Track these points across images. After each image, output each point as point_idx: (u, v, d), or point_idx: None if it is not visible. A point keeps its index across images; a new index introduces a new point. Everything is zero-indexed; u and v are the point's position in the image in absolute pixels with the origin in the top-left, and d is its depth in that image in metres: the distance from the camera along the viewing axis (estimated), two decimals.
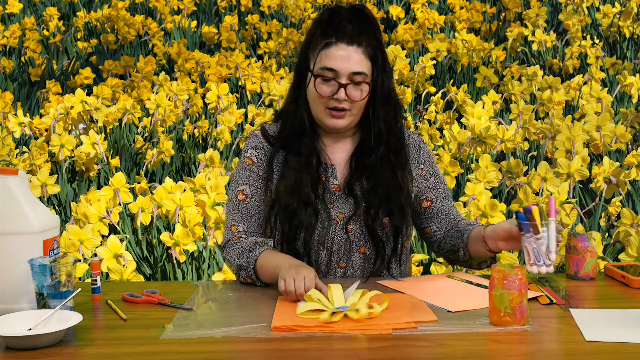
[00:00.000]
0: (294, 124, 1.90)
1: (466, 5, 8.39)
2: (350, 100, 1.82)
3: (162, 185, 3.65)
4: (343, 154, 1.92)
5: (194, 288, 1.78)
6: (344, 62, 1.81)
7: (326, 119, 1.85)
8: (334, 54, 1.81)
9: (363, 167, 1.88)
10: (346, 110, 1.83)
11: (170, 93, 6.11)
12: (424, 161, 1.96)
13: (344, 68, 1.81)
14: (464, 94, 5.69)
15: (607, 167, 3.81)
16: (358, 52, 1.82)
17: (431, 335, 1.40)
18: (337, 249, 1.86)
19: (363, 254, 1.87)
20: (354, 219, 1.85)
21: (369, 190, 1.86)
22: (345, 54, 1.81)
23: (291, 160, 1.87)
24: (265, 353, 1.36)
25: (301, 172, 1.85)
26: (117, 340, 1.44)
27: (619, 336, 1.37)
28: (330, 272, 1.87)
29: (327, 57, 1.82)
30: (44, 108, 6.26)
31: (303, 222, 1.82)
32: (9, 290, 1.59)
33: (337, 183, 1.89)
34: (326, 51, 1.82)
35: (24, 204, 1.61)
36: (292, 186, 1.84)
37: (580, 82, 6.07)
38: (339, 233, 1.86)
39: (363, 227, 1.86)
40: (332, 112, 1.84)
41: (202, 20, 8.89)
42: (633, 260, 2.61)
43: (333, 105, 1.83)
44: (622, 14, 7.60)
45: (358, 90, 1.83)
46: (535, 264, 1.64)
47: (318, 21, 1.87)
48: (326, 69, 1.81)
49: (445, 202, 1.96)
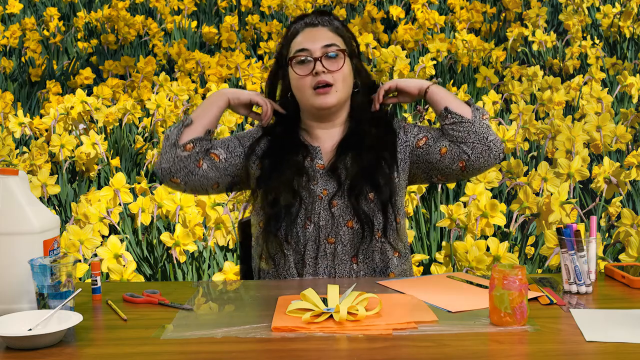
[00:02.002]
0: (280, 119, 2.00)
1: (466, 5, 8.39)
2: (329, 72, 1.89)
3: (162, 185, 3.65)
4: (332, 141, 1.96)
5: (194, 288, 1.78)
6: (313, 40, 1.91)
7: (314, 99, 1.90)
8: (303, 37, 1.93)
9: (349, 150, 1.93)
10: (330, 84, 1.89)
11: (170, 93, 6.11)
12: (410, 130, 1.97)
13: (314, 44, 1.91)
14: (464, 94, 5.69)
15: (607, 167, 3.81)
16: (324, 30, 1.94)
17: (431, 335, 1.40)
18: (323, 223, 1.88)
19: (351, 228, 1.88)
20: (338, 195, 1.89)
21: (352, 168, 1.90)
22: (313, 32, 1.93)
23: (274, 147, 1.95)
24: (265, 353, 1.36)
25: (281, 158, 1.92)
26: (117, 340, 1.44)
27: (619, 336, 1.37)
28: (320, 247, 1.88)
29: (296, 42, 1.93)
30: (44, 108, 6.26)
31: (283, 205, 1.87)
32: (9, 290, 1.59)
33: (322, 163, 1.93)
34: (295, 38, 1.94)
35: (24, 204, 1.61)
36: (271, 171, 1.91)
37: (580, 82, 6.07)
38: (324, 208, 1.88)
39: (347, 203, 1.88)
40: (317, 91, 1.89)
41: (202, 20, 8.89)
42: (633, 260, 2.61)
43: (315, 82, 1.89)
44: (622, 14, 7.60)
45: (334, 61, 1.90)
46: (575, 283, 1.65)
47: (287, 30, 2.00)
48: (298, 50, 1.91)
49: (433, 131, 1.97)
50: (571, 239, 1.64)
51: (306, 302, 1.52)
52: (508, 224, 3.42)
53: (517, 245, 3.51)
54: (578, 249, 1.65)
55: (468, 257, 2.68)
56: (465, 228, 3.22)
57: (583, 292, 1.66)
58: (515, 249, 3.46)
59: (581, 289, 1.66)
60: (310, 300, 1.52)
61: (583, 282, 1.65)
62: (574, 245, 1.65)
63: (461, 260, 2.70)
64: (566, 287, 1.67)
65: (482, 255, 2.67)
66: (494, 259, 2.69)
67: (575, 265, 1.65)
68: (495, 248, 2.70)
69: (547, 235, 2.73)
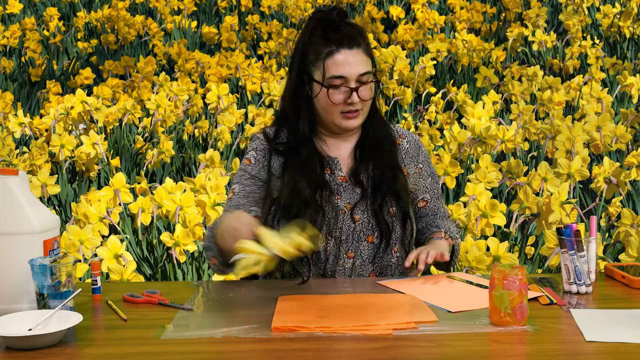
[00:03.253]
0: (295, 129, 1.92)
1: (466, 5, 8.39)
2: (361, 101, 1.87)
3: (162, 185, 3.65)
4: (346, 149, 1.95)
5: (194, 288, 1.78)
6: (350, 67, 1.85)
7: (340, 121, 1.89)
8: (339, 61, 1.85)
9: (367, 156, 1.93)
10: (359, 110, 1.88)
11: (170, 93, 6.11)
12: (422, 160, 2.01)
13: (351, 72, 1.85)
14: (464, 94, 5.69)
15: (607, 167, 3.81)
16: (359, 53, 1.87)
17: (431, 335, 1.40)
18: (345, 237, 1.87)
19: (371, 243, 1.88)
20: (360, 205, 1.88)
21: (375, 177, 1.90)
22: (349, 58, 1.86)
23: (291, 163, 1.90)
24: (265, 353, 1.36)
25: (300, 173, 1.88)
26: (117, 340, 1.44)
27: (619, 336, 1.37)
28: (339, 262, 1.87)
29: (332, 65, 1.85)
30: (44, 108, 6.26)
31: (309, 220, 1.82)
32: (9, 290, 1.59)
33: (343, 174, 1.92)
34: (330, 60, 1.85)
35: (24, 204, 1.61)
36: (292, 188, 1.87)
37: (580, 82, 6.07)
38: (346, 222, 1.88)
39: (370, 216, 1.88)
40: (346, 115, 1.88)
41: (202, 20, 8.89)
42: (633, 260, 2.61)
43: (347, 110, 1.87)
44: (622, 14, 7.60)
45: (367, 90, 1.88)
46: (575, 283, 1.65)
47: (309, 30, 1.89)
48: (335, 77, 1.85)
49: (437, 202, 2.03)
50: (571, 239, 1.64)
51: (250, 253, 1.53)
52: (508, 224, 3.42)
53: (517, 245, 3.51)
54: (578, 249, 1.65)
55: (468, 257, 2.68)
56: (465, 228, 3.22)
57: (583, 292, 1.66)
58: (515, 249, 3.46)
59: (581, 289, 1.66)
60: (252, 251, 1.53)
61: (583, 282, 1.65)
62: (574, 245, 1.65)
63: (461, 260, 2.70)
64: (566, 287, 1.67)
65: (482, 255, 2.67)
66: (494, 259, 2.69)
67: (575, 265, 1.65)
68: (495, 248, 2.70)
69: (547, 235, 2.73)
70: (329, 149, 1.94)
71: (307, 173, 1.88)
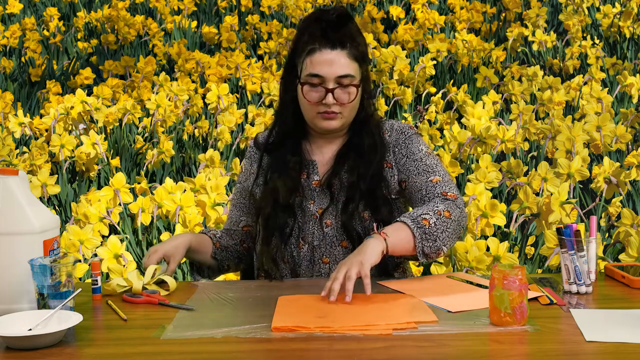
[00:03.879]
0: (282, 129, 1.95)
1: (466, 5, 8.39)
2: (339, 104, 1.84)
3: (162, 185, 3.65)
4: (329, 152, 1.93)
5: (194, 288, 1.78)
6: (329, 67, 1.82)
7: (318, 122, 1.87)
8: (318, 59, 1.83)
9: (345, 162, 1.89)
10: (336, 113, 1.85)
11: (170, 93, 6.11)
12: (400, 143, 1.90)
13: (329, 72, 1.82)
14: (464, 94, 5.69)
15: (607, 167, 3.81)
16: (342, 55, 1.84)
17: (431, 335, 1.40)
18: (317, 243, 1.87)
19: (345, 247, 1.86)
20: (329, 212, 1.86)
21: (348, 184, 1.86)
22: (329, 57, 1.83)
23: (273, 165, 1.92)
24: (265, 353, 1.36)
25: (280, 174, 1.89)
26: (117, 340, 1.44)
27: (619, 336, 1.37)
28: (314, 267, 1.87)
29: (311, 63, 1.83)
30: (44, 108, 6.26)
31: (277, 224, 1.87)
32: (9, 290, 1.59)
33: (317, 178, 1.90)
34: (310, 57, 1.84)
35: (24, 204, 1.61)
36: (269, 191, 1.89)
37: (580, 82, 6.07)
38: (317, 228, 1.87)
39: (340, 222, 1.86)
40: (323, 115, 1.85)
41: (202, 20, 8.89)
42: (633, 260, 2.61)
43: (323, 110, 1.84)
44: (622, 14, 7.60)
45: (346, 93, 1.84)
46: (575, 283, 1.65)
47: (302, 27, 1.88)
48: (311, 75, 1.83)
49: (418, 178, 1.86)
50: (571, 239, 1.64)
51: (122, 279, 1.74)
52: (508, 224, 3.42)
53: (517, 245, 3.51)
54: (578, 249, 1.65)
55: (468, 257, 2.68)
56: (466, 228, 3.22)
57: (583, 292, 1.66)
58: (515, 249, 3.46)
59: (581, 289, 1.66)
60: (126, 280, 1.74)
61: (583, 282, 1.65)
62: (574, 245, 1.65)
63: (461, 260, 2.70)
64: (566, 287, 1.67)
65: (482, 255, 2.67)
66: (494, 259, 2.69)
67: (575, 265, 1.65)
68: (495, 248, 2.70)
69: (547, 235, 2.73)
70: (312, 151, 1.93)
71: (287, 174, 1.89)
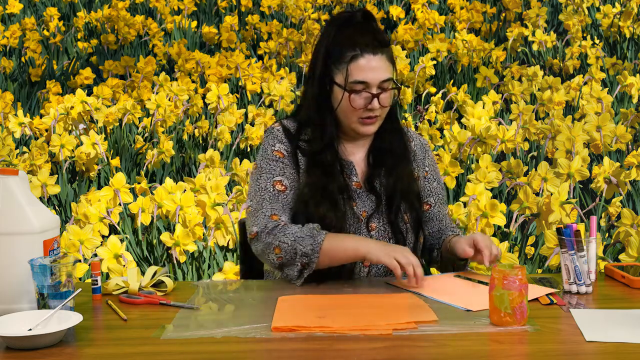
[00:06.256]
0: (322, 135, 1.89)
1: (466, 5, 8.39)
2: (381, 107, 1.86)
3: (162, 185, 3.65)
4: (361, 152, 1.95)
5: (194, 288, 1.78)
6: (373, 73, 1.84)
7: (358, 127, 1.88)
8: (363, 66, 1.83)
9: (381, 162, 1.93)
10: (377, 116, 1.88)
11: (170, 93, 6.11)
12: (429, 164, 2.02)
13: (373, 78, 1.84)
14: (464, 94, 5.69)
15: (607, 167, 3.81)
16: (383, 59, 1.85)
17: (431, 335, 1.40)
18: None
19: None
20: (376, 214, 1.89)
21: (388, 185, 1.90)
22: (373, 64, 1.84)
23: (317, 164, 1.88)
24: (265, 353, 1.36)
25: (327, 176, 1.86)
26: (117, 340, 1.44)
27: (619, 336, 1.37)
28: (355, 270, 1.87)
29: (355, 70, 1.83)
30: (44, 108, 6.26)
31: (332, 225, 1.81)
32: (9, 290, 1.59)
33: (357, 180, 1.92)
34: (354, 64, 1.83)
35: (24, 204, 1.61)
36: (320, 191, 1.84)
37: (580, 82, 6.07)
38: (363, 230, 1.88)
39: (386, 224, 1.89)
40: (364, 120, 1.87)
41: (202, 20, 8.89)
42: (633, 260, 2.61)
43: (366, 115, 1.86)
44: (622, 14, 7.60)
45: (388, 96, 1.87)
46: (575, 283, 1.65)
47: (333, 32, 1.87)
48: (357, 82, 1.83)
49: (442, 208, 2.02)
50: (571, 239, 1.64)
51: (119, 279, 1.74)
52: (508, 224, 3.42)
53: (517, 245, 3.51)
54: (578, 249, 1.65)
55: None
56: (465, 228, 3.22)
57: (583, 292, 1.66)
58: (515, 249, 3.46)
59: (581, 289, 1.66)
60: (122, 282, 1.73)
61: (583, 282, 1.65)
62: (574, 245, 1.65)
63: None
64: (566, 287, 1.67)
65: None
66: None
67: (575, 265, 1.65)
68: None
69: (547, 235, 2.73)
70: (346, 153, 1.93)
71: (334, 175, 1.87)
